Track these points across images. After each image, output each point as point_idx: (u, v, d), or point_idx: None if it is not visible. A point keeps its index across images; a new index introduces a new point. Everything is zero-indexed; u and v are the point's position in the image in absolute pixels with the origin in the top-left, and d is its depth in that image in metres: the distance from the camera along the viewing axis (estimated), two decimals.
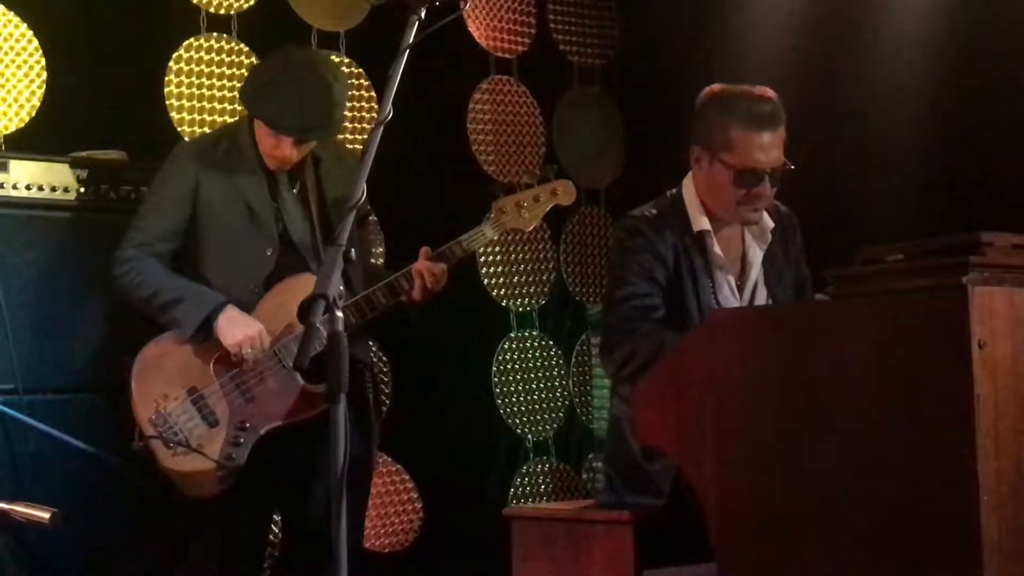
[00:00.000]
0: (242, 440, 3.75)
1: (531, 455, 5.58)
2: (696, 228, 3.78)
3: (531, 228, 4.12)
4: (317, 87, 3.81)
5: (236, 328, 3.75)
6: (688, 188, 3.84)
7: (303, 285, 3.80)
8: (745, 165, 3.68)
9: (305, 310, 3.74)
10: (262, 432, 3.78)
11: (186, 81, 4.73)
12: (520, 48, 5.69)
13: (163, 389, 3.76)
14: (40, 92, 4.44)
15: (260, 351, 3.76)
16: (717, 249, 3.78)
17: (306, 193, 3.96)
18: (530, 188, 4.08)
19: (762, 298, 3.85)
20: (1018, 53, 4.63)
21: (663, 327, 3.67)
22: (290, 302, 3.81)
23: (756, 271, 3.85)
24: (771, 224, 3.86)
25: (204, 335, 3.78)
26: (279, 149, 3.86)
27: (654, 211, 3.83)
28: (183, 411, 3.76)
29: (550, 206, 4.08)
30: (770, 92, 3.75)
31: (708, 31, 5.57)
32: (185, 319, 3.78)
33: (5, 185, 4.08)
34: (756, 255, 3.86)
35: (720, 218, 3.80)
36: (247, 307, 3.83)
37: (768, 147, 3.68)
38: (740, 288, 3.83)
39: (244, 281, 3.86)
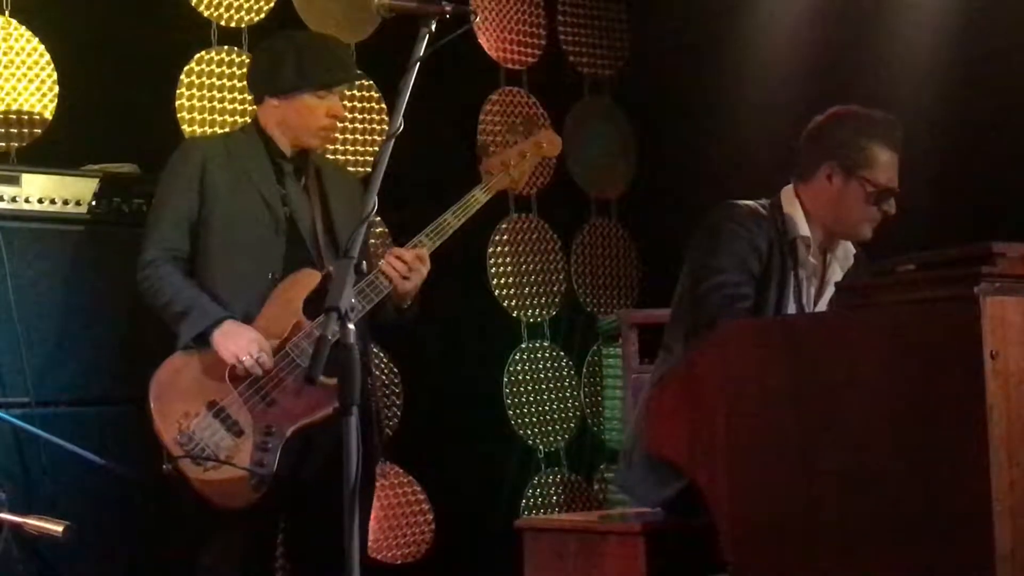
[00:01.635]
0: (270, 445, 3.75)
1: (542, 466, 5.58)
2: (796, 234, 3.79)
3: (521, 185, 4.15)
4: (333, 40, 4.13)
5: (230, 342, 3.75)
6: (789, 198, 3.84)
7: (306, 281, 3.83)
8: (886, 184, 3.74)
9: (311, 306, 3.77)
10: (288, 433, 3.77)
11: (197, 94, 4.75)
12: (530, 59, 5.70)
13: (183, 407, 3.76)
14: (52, 106, 4.46)
15: (263, 357, 3.76)
16: (811, 257, 3.80)
17: (309, 188, 3.99)
18: (515, 145, 4.08)
19: None
20: None
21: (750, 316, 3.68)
22: (296, 299, 3.82)
23: (831, 290, 3.87)
24: (854, 249, 3.89)
25: (204, 345, 3.79)
26: (334, 108, 3.98)
27: (755, 205, 3.84)
28: (207, 426, 3.75)
29: (537, 160, 4.10)
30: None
31: (719, 41, 5.57)
32: (185, 332, 3.80)
33: (18, 198, 4.09)
34: (835, 275, 3.89)
35: (830, 232, 3.83)
36: (260, 292, 3.85)
37: (897, 168, 3.77)
38: (816, 302, 3.85)
39: (253, 267, 3.87)
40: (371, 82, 5.16)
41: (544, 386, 5.63)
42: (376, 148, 5.15)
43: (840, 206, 3.78)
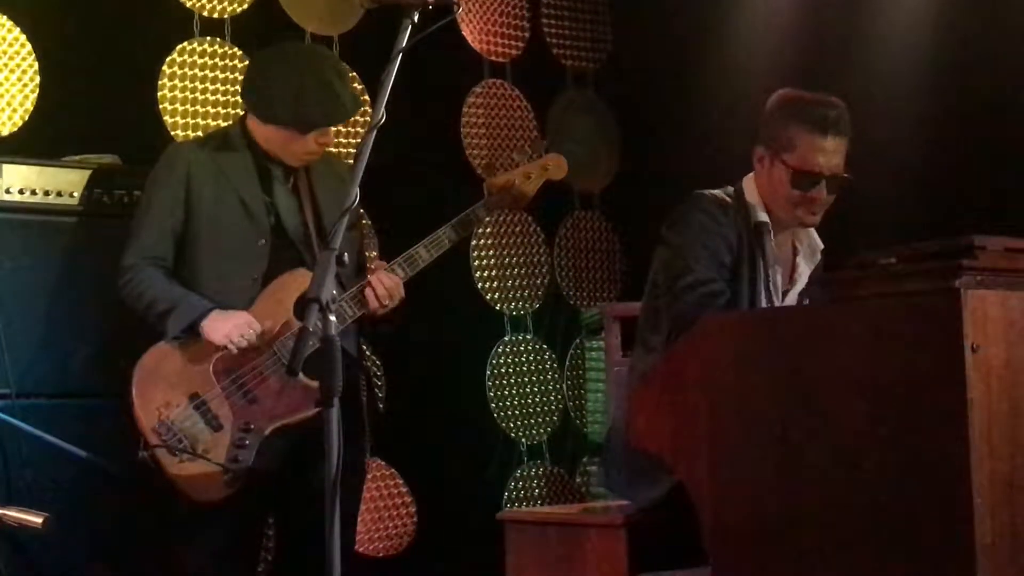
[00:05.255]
0: (247, 442, 3.75)
1: (525, 459, 5.58)
2: (756, 219, 3.80)
3: (524, 204, 4.16)
4: (334, 70, 3.93)
5: (220, 323, 3.75)
6: (748, 185, 3.87)
7: (299, 281, 3.81)
8: (804, 167, 3.72)
9: (301, 308, 3.77)
10: (267, 432, 3.77)
11: (179, 85, 4.73)
12: (514, 52, 5.69)
13: (164, 397, 3.75)
14: (33, 96, 4.44)
15: (252, 336, 3.75)
16: (772, 244, 3.81)
17: (299, 189, 3.98)
18: (521, 166, 4.08)
19: None
20: (1013, 57, 4.64)
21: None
22: (287, 299, 3.82)
23: (802, 283, 3.88)
24: (820, 245, 3.90)
25: (192, 336, 3.78)
26: (322, 139, 3.91)
27: (721, 195, 3.85)
28: (186, 417, 3.75)
29: (542, 182, 4.10)
30: (838, 101, 3.78)
31: (702, 34, 5.57)
32: (173, 326, 3.79)
33: None
34: (804, 270, 3.90)
35: (779, 220, 3.83)
36: (244, 298, 3.84)
37: (829, 152, 3.72)
38: (785, 293, 3.85)
39: (239, 272, 3.87)
40: (354, 73, 5.14)
41: (527, 379, 5.63)
42: (358, 139, 5.14)
43: (771, 190, 3.80)
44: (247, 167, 3.94)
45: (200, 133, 4.63)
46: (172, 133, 4.67)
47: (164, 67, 4.71)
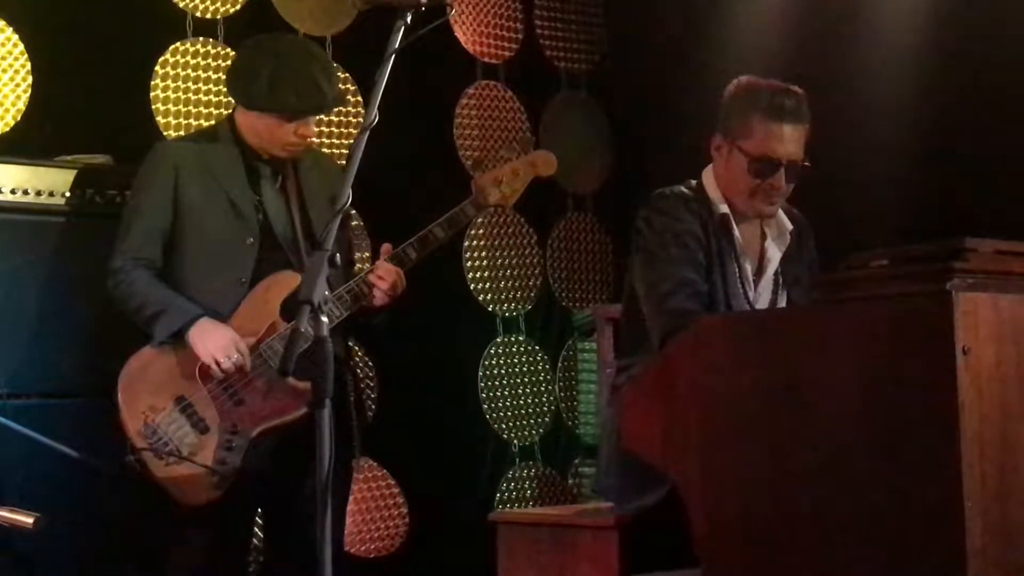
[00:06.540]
0: (234, 444, 3.74)
1: (517, 460, 5.58)
2: (718, 212, 3.79)
3: (512, 202, 4.14)
4: (319, 64, 3.91)
5: (208, 341, 3.74)
6: (708, 178, 3.85)
7: (285, 283, 3.81)
8: (761, 153, 3.70)
9: (288, 308, 3.77)
10: (254, 434, 3.77)
11: (172, 85, 4.73)
12: (507, 53, 5.70)
13: (150, 400, 3.75)
14: (25, 96, 4.43)
15: (239, 358, 3.74)
16: (738, 234, 3.79)
17: (287, 188, 3.97)
18: (508, 162, 4.08)
19: (769, 294, 3.87)
20: (1007, 58, 4.65)
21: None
22: (272, 300, 3.81)
23: (773, 267, 3.87)
24: (790, 226, 3.88)
25: (179, 339, 3.77)
26: (303, 131, 3.89)
27: (682, 190, 3.83)
28: (172, 420, 3.74)
29: (530, 179, 4.09)
30: (797, 89, 3.77)
31: (696, 36, 5.57)
32: (160, 331, 3.78)
33: None
34: (775, 254, 3.87)
35: (738, 210, 3.81)
36: (231, 300, 3.83)
37: (787, 139, 3.71)
38: (755, 282, 3.84)
39: (226, 272, 3.86)
40: (347, 74, 5.14)
41: (519, 380, 5.63)
42: (351, 140, 5.14)
43: (728, 179, 3.79)
44: (235, 165, 3.93)
45: None
46: (164, 133, 4.67)
47: (157, 67, 4.71)
